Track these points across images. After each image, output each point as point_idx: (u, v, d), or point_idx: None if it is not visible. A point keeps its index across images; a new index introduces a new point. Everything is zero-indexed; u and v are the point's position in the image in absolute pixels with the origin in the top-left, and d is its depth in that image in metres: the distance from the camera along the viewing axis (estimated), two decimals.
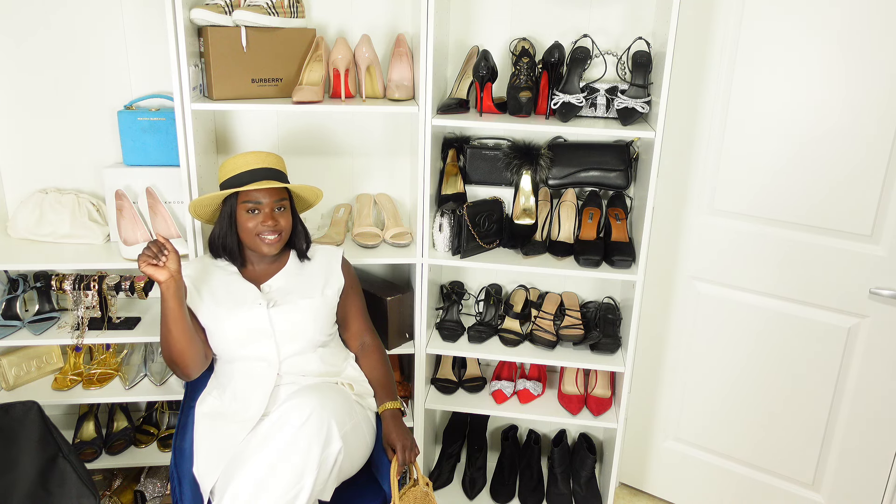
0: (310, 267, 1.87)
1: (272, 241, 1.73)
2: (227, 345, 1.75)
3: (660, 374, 2.30)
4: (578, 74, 1.97)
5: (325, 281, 1.85)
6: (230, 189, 1.72)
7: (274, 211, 1.73)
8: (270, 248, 1.74)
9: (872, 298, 1.88)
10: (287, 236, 1.78)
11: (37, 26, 2.05)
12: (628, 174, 2.10)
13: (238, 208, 1.73)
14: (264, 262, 1.84)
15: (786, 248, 1.97)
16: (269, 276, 1.83)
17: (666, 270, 2.20)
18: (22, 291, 2.14)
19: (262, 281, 1.81)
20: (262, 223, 1.71)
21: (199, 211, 1.81)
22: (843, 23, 1.75)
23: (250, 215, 1.72)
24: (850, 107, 1.79)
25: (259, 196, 1.71)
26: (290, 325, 1.75)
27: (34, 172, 2.18)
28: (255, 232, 1.72)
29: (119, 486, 2.32)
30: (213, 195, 1.74)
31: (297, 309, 1.77)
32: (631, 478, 2.48)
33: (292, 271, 1.84)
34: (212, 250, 1.82)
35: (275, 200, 1.73)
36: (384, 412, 1.80)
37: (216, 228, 1.78)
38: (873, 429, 1.97)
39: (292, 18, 1.98)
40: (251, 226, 1.72)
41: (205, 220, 1.85)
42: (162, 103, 2.12)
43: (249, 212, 1.72)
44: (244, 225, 1.73)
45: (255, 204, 1.71)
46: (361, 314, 1.94)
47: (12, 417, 1.88)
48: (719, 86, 1.96)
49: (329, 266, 1.89)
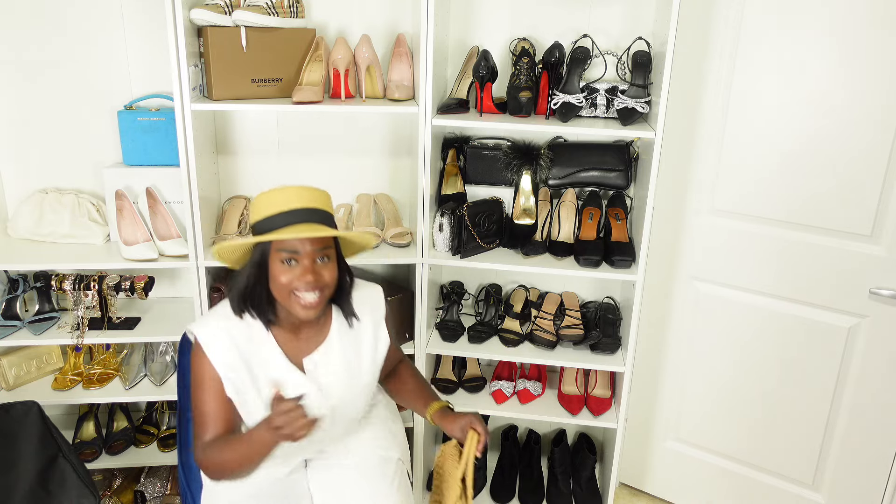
0: (356, 326, 1.56)
1: (311, 302, 1.38)
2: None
3: (660, 374, 2.30)
4: (578, 74, 1.97)
5: (373, 344, 1.58)
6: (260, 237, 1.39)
7: (315, 262, 1.38)
8: (307, 312, 1.39)
9: (872, 298, 1.88)
10: (330, 293, 1.44)
11: (37, 27, 2.05)
12: (628, 174, 2.10)
13: (271, 256, 1.39)
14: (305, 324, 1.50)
15: (786, 248, 1.97)
16: (311, 344, 1.51)
17: (666, 270, 2.20)
18: (22, 291, 2.14)
19: (302, 349, 1.50)
20: (300, 278, 1.37)
21: (225, 256, 1.47)
22: (843, 23, 1.75)
23: (285, 266, 1.38)
24: (849, 107, 1.79)
25: (297, 244, 1.37)
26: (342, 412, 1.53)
27: (34, 172, 2.18)
28: (291, 288, 1.38)
29: (119, 485, 2.32)
30: (241, 243, 1.41)
31: (351, 395, 1.53)
32: (631, 478, 2.48)
33: (338, 339, 1.53)
34: (233, 304, 1.46)
35: (317, 249, 1.38)
36: (436, 412, 1.62)
37: (242, 277, 1.44)
38: (873, 429, 1.97)
39: (292, 18, 1.98)
40: (285, 280, 1.38)
41: (232, 264, 1.51)
42: (162, 103, 2.12)
43: (285, 262, 1.38)
44: (277, 278, 1.38)
45: (292, 253, 1.37)
46: (396, 348, 1.70)
47: (12, 417, 1.88)
48: (719, 86, 1.96)
49: (375, 323, 1.59)
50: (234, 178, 2.25)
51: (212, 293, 2.08)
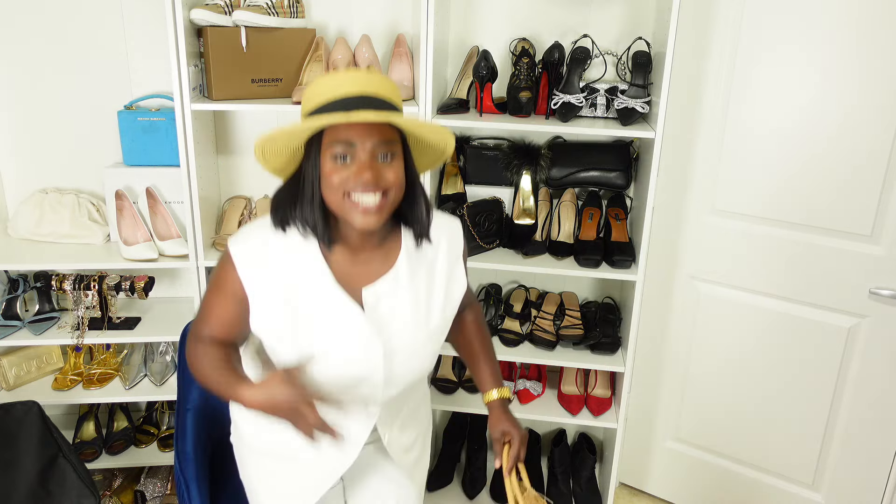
0: (427, 261, 1.27)
1: (370, 206, 1.11)
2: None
3: (660, 374, 2.30)
4: (578, 74, 1.97)
5: (447, 283, 1.29)
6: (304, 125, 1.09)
7: (375, 159, 1.12)
8: (366, 219, 1.12)
9: (872, 298, 1.88)
10: (395, 202, 1.16)
11: (37, 26, 2.05)
12: (628, 174, 2.10)
13: (323, 156, 1.13)
14: (364, 242, 1.22)
15: (786, 248, 1.97)
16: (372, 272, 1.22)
17: (666, 270, 2.19)
18: (22, 291, 2.14)
19: (361, 277, 1.22)
20: (356, 176, 1.10)
21: (270, 159, 1.18)
22: (843, 23, 1.75)
23: (338, 164, 1.12)
24: (850, 106, 1.79)
25: (352, 135, 1.10)
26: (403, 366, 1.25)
27: (34, 172, 2.18)
28: (345, 189, 1.12)
29: (119, 485, 2.32)
30: (287, 131, 1.11)
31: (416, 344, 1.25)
32: (631, 478, 2.48)
33: (407, 269, 1.24)
34: (276, 216, 1.19)
35: (377, 142, 1.11)
36: (492, 402, 1.39)
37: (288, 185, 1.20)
38: (873, 429, 1.97)
39: (292, 18, 1.99)
40: (338, 180, 1.11)
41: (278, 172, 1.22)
42: (162, 103, 2.12)
43: (338, 159, 1.12)
44: (329, 178, 1.12)
45: (346, 147, 1.11)
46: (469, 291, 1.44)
47: (12, 417, 1.88)
48: (719, 86, 1.96)
49: (452, 258, 1.31)
50: (234, 178, 2.25)
51: None
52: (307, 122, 1.09)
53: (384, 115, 1.08)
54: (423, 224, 1.23)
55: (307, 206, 1.16)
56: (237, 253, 1.19)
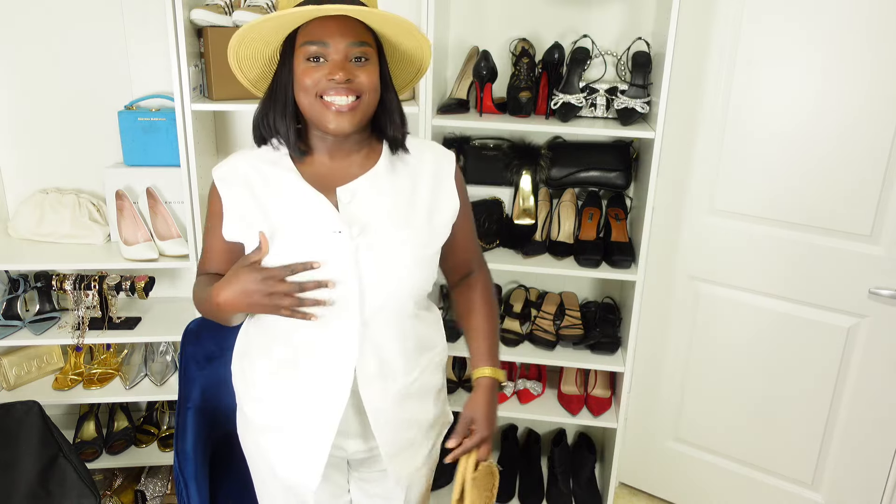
0: (410, 170, 1.23)
1: (342, 106, 1.10)
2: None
3: (660, 374, 2.30)
4: (578, 74, 1.98)
5: (432, 198, 1.23)
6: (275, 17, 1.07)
7: (349, 60, 1.10)
8: (339, 121, 1.10)
9: (872, 298, 1.88)
10: (369, 107, 1.14)
11: (37, 27, 2.05)
12: (628, 174, 2.10)
13: (296, 58, 1.12)
14: (338, 149, 1.19)
15: (785, 248, 1.97)
16: (349, 174, 1.19)
17: (666, 270, 2.20)
18: (22, 291, 2.14)
19: (337, 179, 1.18)
20: (329, 75, 1.09)
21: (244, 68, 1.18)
22: (843, 23, 1.75)
23: (311, 65, 1.10)
24: (849, 106, 1.79)
25: (324, 33, 1.09)
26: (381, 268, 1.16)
27: (35, 172, 2.18)
28: (318, 90, 1.10)
29: (119, 485, 2.32)
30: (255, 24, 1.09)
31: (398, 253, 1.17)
32: (631, 478, 2.48)
33: (386, 173, 1.20)
34: (255, 133, 1.21)
35: (350, 43, 1.09)
36: (480, 379, 1.31)
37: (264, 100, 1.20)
38: (873, 429, 1.97)
39: None
40: (310, 82, 1.10)
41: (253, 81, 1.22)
42: (162, 103, 2.12)
43: (311, 60, 1.10)
44: (302, 81, 1.11)
45: (320, 46, 1.09)
46: (472, 238, 1.36)
47: (13, 417, 1.88)
48: (719, 86, 1.96)
49: (439, 174, 1.25)
50: None
51: None
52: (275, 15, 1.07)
53: (355, 10, 1.06)
54: (398, 132, 1.20)
55: (279, 113, 1.15)
56: (216, 173, 1.21)
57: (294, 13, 1.06)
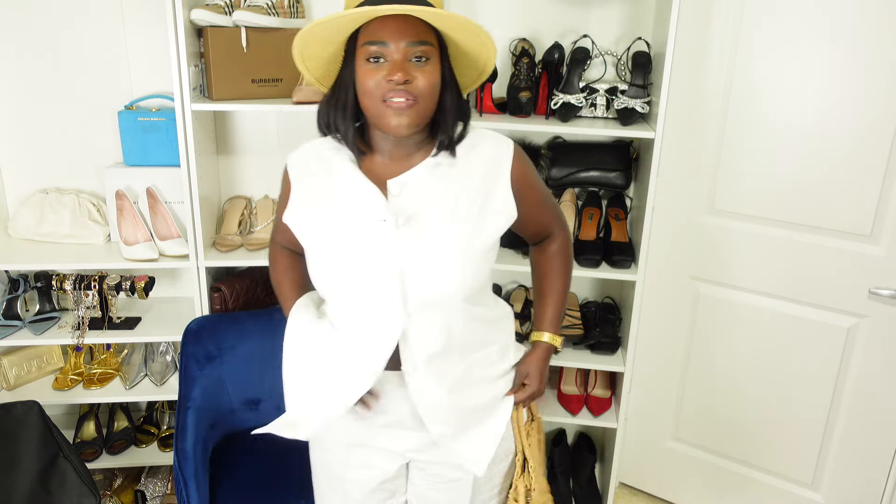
0: (464, 164, 1.22)
1: (400, 104, 1.10)
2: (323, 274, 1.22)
3: (660, 374, 2.30)
4: (578, 74, 1.98)
5: (485, 193, 1.21)
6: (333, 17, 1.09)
7: (408, 61, 1.10)
8: (399, 120, 1.11)
9: (872, 298, 1.88)
10: (428, 108, 1.14)
11: (37, 27, 2.05)
12: (628, 174, 2.10)
13: (357, 59, 1.13)
14: (398, 150, 1.21)
15: (785, 248, 1.97)
16: (401, 167, 1.21)
17: (666, 270, 2.20)
18: (22, 291, 2.14)
19: (390, 171, 1.21)
20: (388, 76, 1.09)
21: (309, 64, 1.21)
22: (843, 23, 1.75)
23: (371, 66, 1.11)
24: (849, 106, 1.79)
25: (384, 33, 1.09)
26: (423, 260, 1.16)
27: (35, 172, 2.18)
28: (380, 94, 1.10)
29: (119, 485, 2.32)
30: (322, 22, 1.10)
31: (438, 236, 1.17)
32: (631, 478, 2.48)
33: (436, 167, 1.21)
34: (318, 122, 1.24)
35: (409, 43, 1.09)
36: (538, 342, 1.37)
37: (328, 95, 1.22)
38: (872, 429, 1.97)
39: (292, 19, 1.99)
40: (372, 84, 1.10)
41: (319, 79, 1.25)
42: (162, 103, 2.13)
43: (371, 61, 1.11)
44: (364, 83, 1.11)
45: (380, 47, 1.09)
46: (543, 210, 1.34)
47: (13, 417, 1.88)
48: (719, 86, 1.96)
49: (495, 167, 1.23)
50: (234, 178, 2.25)
51: (212, 293, 2.08)
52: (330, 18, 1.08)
53: (411, 7, 1.06)
54: (448, 133, 1.19)
55: (340, 114, 1.18)
56: (289, 159, 1.30)
57: (350, 14, 1.07)
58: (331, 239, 1.20)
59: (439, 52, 1.14)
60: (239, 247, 2.09)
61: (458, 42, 1.16)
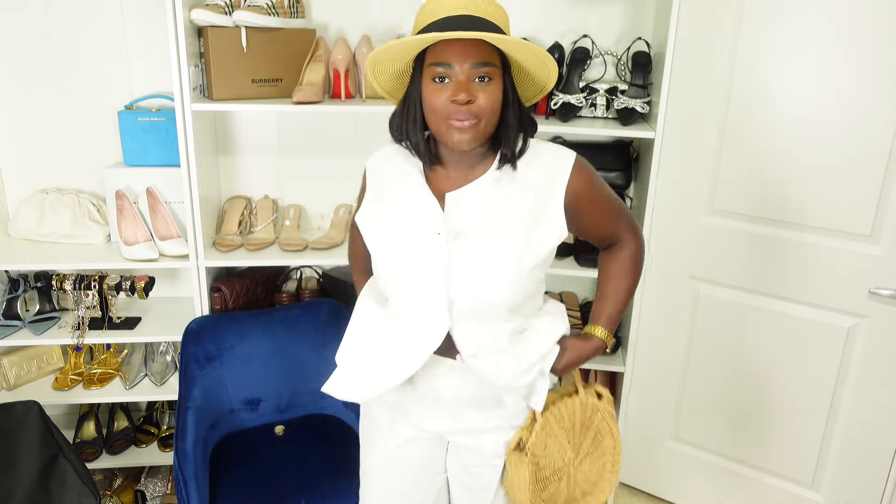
0: (521, 179, 1.25)
1: (462, 125, 1.15)
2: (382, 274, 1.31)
3: (660, 374, 2.30)
4: (578, 74, 1.98)
5: (538, 209, 1.24)
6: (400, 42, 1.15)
7: (471, 82, 1.15)
8: (461, 137, 1.16)
9: (872, 298, 1.88)
10: (488, 126, 1.18)
11: (38, 27, 2.06)
12: (628, 174, 2.10)
13: (424, 79, 1.18)
14: (461, 161, 1.26)
15: (785, 248, 1.97)
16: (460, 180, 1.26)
17: (666, 270, 2.19)
18: (23, 291, 2.14)
19: (450, 184, 1.26)
20: (452, 95, 1.14)
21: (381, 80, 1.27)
22: (843, 23, 1.75)
23: (436, 86, 1.16)
24: (849, 106, 1.79)
25: (449, 55, 1.14)
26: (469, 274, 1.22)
27: (35, 172, 2.18)
28: (445, 114, 1.15)
29: (119, 485, 2.32)
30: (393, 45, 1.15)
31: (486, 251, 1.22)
32: (631, 478, 2.48)
33: (493, 183, 1.24)
34: (391, 131, 1.29)
35: (473, 65, 1.13)
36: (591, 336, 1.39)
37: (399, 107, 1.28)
38: (873, 429, 1.97)
39: (292, 19, 1.99)
40: (438, 103, 1.15)
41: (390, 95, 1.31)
42: (162, 103, 2.13)
43: (437, 81, 1.16)
44: (430, 101, 1.17)
45: (445, 68, 1.14)
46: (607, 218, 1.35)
47: (13, 417, 1.88)
48: (719, 86, 1.96)
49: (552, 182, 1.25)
50: (234, 178, 2.26)
51: (212, 293, 2.08)
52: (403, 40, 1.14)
53: (475, 33, 1.11)
54: (509, 148, 1.23)
55: (411, 127, 1.24)
56: (369, 163, 1.38)
57: (417, 40, 1.13)
58: (390, 244, 1.27)
59: (501, 70, 1.19)
60: (239, 247, 2.09)
61: (520, 62, 1.21)
